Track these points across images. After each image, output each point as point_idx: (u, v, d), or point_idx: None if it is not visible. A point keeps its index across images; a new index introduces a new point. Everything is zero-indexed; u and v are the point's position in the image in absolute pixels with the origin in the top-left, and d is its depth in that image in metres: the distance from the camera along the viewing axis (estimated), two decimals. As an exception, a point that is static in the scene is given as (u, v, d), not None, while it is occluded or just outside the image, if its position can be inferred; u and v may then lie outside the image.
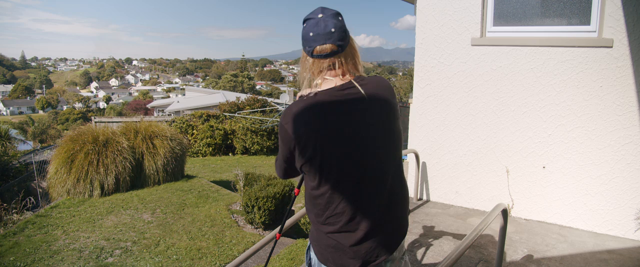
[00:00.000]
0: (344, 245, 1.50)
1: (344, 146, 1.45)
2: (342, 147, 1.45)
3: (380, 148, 1.50)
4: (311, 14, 1.48)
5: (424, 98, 4.27)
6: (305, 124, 1.44)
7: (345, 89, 1.47)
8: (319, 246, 1.56)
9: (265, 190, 6.45)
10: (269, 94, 43.57)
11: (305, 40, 1.47)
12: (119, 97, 79.90)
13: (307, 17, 1.49)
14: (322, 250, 1.55)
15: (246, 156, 15.05)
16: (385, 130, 1.51)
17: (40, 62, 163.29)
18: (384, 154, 1.52)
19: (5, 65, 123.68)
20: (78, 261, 4.93)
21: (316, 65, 1.49)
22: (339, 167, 1.46)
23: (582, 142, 3.58)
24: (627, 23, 3.26)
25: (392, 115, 1.53)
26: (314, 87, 1.51)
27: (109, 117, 26.75)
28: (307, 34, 1.46)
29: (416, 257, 3.24)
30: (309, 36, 1.45)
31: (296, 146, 1.46)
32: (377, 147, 1.49)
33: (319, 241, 1.56)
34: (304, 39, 1.47)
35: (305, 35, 1.47)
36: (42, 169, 9.92)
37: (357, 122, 1.46)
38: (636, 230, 3.46)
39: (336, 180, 1.46)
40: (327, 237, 1.52)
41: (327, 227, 1.52)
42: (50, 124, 48.06)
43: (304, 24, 1.48)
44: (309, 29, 1.45)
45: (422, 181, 4.41)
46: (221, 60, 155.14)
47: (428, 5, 4.10)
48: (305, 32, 1.46)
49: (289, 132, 1.46)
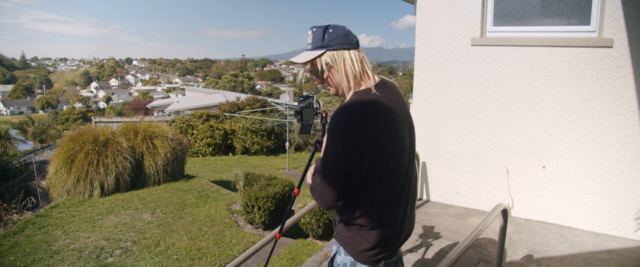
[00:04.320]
0: (385, 241, 1.55)
1: (398, 147, 1.52)
2: (397, 148, 1.51)
3: (409, 151, 1.61)
4: (322, 26, 1.54)
5: (424, 98, 4.27)
6: (378, 123, 1.44)
7: (386, 85, 1.57)
8: (357, 247, 1.56)
9: (265, 190, 6.45)
10: (269, 94, 43.57)
11: (348, 34, 1.51)
12: (119, 97, 79.87)
13: (325, 25, 1.53)
14: (363, 249, 1.55)
15: (246, 156, 15.04)
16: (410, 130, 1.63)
17: (40, 62, 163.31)
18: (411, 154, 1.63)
19: (5, 65, 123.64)
20: (78, 261, 4.93)
21: (365, 58, 1.53)
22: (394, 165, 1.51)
23: (582, 142, 3.58)
24: (627, 23, 3.26)
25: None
26: (367, 82, 1.52)
27: (109, 117, 26.76)
28: (344, 29, 1.51)
29: (416, 257, 3.23)
30: (347, 30, 1.51)
31: (374, 145, 1.43)
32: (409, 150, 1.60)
33: (357, 241, 1.55)
34: (348, 34, 1.50)
35: (343, 31, 1.50)
36: (42, 169, 9.92)
37: (402, 123, 1.55)
38: (636, 230, 3.46)
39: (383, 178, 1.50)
40: (369, 237, 1.53)
41: (371, 225, 1.52)
42: (50, 124, 48.02)
43: (329, 30, 1.50)
44: (341, 28, 1.51)
45: (422, 181, 4.41)
46: (221, 60, 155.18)
47: (428, 5, 4.10)
48: (342, 29, 1.50)
49: (368, 128, 1.40)
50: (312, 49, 1.51)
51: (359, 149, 1.38)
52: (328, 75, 1.52)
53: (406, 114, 1.58)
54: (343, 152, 1.39)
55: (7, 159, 11.25)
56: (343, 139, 1.39)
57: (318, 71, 1.53)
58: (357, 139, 1.38)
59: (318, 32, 1.51)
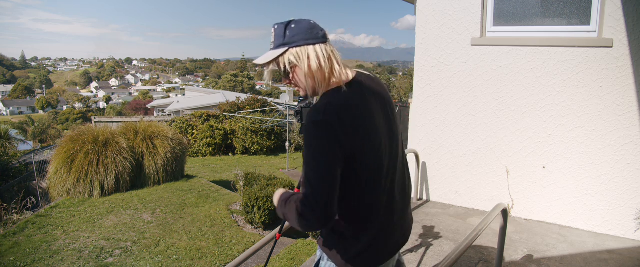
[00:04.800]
0: (381, 248, 1.47)
1: (377, 147, 1.41)
2: (376, 150, 1.40)
3: (390, 149, 1.49)
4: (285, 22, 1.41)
5: (424, 98, 4.27)
6: (363, 117, 1.34)
7: (359, 79, 1.42)
8: (343, 255, 1.45)
9: (265, 190, 6.45)
10: (269, 94, 43.52)
11: (313, 27, 1.37)
12: (119, 97, 79.86)
13: (288, 21, 1.40)
14: (348, 257, 1.45)
15: (246, 156, 15.04)
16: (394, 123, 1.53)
17: (40, 62, 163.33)
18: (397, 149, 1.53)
19: (5, 65, 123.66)
20: (78, 261, 4.93)
21: (334, 52, 1.39)
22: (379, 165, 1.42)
23: (582, 142, 3.58)
24: (627, 23, 3.26)
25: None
26: (344, 73, 1.39)
27: (109, 117, 26.76)
28: (308, 23, 1.37)
29: (416, 257, 3.23)
30: (312, 23, 1.37)
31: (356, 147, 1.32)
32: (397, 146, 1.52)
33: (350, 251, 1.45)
34: (312, 28, 1.36)
35: (307, 25, 1.36)
36: (42, 169, 9.92)
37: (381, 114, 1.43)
38: (636, 230, 3.46)
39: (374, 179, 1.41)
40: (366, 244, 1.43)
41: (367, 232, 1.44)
42: (50, 124, 48.01)
43: (291, 25, 1.37)
44: (305, 22, 1.38)
45: (422, 181, 4.41)
46: (221, 60, 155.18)
47: (428, 5, 4.10)
48: (306, 23, 1.37)
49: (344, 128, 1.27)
50: (275, 48, 1.37)
51: (335, 158, 1.27)
52: (293, 76, 1.38)
53: (385, 107, 1.45)
54: (322, 163, 1.26)
55: (7, 159, 11.25)
56: (318, 150, 1.27)
57: (283, 72, 1.39)
58: (331, 149, 1.26)
59: (279, 28, 1.37)
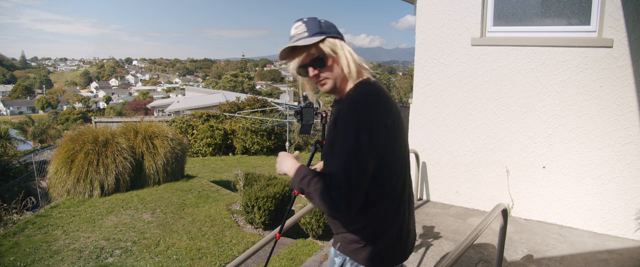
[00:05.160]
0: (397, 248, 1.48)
1: (405, 141, 1.47)
2: (405, 143, 1.46)
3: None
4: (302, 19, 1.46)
5: (424, 98, 4.27)
6: (394, 113, 1.37)
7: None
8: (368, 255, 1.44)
9: (265, 190, 6.45)
10: (269, 94, 43.55)
11: (333, 26, 1.43)
12: (119, 97, 79.88)
13: (307, 18, 1.45)
14: (373, 257, 1.44)
15: (246, 156, 15.04)
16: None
17: (40, 62, 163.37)
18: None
19: (5, 65, 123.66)
20: (78, 261, 4.93)
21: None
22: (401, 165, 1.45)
23: (582, 142, 3.58)
24: (627, 23, 3.26)
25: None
26: (366, 73, 1.44)
27: (109, 117, 26.76)
28: (328, 21, 1.44)
29: (416, 257, 3.23)
30: (331, 22, 1.43)
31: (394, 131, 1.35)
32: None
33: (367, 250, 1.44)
34: (336, 26, 1.43)
35: (327, 22, 1.43)
36: (42, 169, 9.92)
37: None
38: (636, 230, 3.46)
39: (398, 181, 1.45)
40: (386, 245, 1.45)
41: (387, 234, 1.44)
42: (50, 124, 48.02)
43: (320, 19, 1.44)
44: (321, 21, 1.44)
45: (422, 181, 4.41)
46: (221, 60, 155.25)
47: (428, 5, 4.10)
48: (327, 22, 1.43)
49: (391, 109, 1.34)
50: (312, 35, 1.37)
51: (388, 138, 1.31)
52: (332, 64, 1.39)
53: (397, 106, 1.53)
54: (370, 142, 1.26)
55: (7, 159, 11.26)
56: (372, 127, 1.27)
57: (319, 60, 1.38)
58: (386, 127, 1.30)
59: (311, 21, 1.40)
